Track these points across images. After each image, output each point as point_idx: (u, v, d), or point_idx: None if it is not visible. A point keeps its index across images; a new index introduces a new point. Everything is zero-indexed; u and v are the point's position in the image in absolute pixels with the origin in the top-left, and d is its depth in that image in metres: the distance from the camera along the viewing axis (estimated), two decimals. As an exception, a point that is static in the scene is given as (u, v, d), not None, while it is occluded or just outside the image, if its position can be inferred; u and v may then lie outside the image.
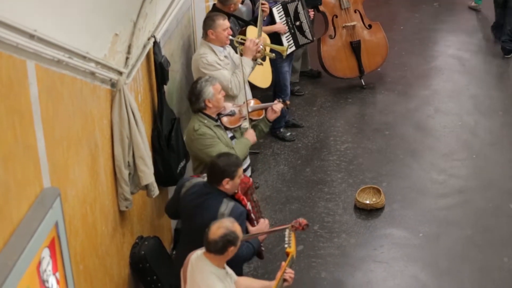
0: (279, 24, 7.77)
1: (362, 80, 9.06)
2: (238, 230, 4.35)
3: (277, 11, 7.80)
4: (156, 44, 5.58)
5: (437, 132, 8.19)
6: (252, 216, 5.14)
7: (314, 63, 9.29)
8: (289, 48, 7.71)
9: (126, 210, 5.14)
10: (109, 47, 4.71)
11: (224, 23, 6.32)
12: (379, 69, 9.22)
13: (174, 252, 5.90)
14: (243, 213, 4.90)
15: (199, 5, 7.48)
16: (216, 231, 4.29)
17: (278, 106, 6.06)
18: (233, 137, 5.88)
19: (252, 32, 7.12)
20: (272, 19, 7.78)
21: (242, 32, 7.12)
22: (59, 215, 3.74)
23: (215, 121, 5.72)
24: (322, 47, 8.82)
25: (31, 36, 3.46)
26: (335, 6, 8.79)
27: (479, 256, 6.40)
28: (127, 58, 5.05)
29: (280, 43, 7.72)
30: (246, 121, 5.97)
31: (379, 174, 7.49)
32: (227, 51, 6.46)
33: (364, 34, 8.95)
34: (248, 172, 6.21)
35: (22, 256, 3.26)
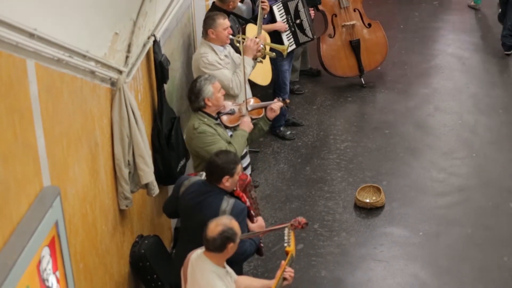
0: (279, 22, 7.77)
1: (362, 79, 9.06)
2: (236, 226, 4.35)
3: (277, 9, 7.80)
4: (156, 43, 5.58)
5: (437, 130, 8.19)
6: (252, 213, 5.14)
7: (314, 62, 9.28)
8: (289, 47, 7.72)
9: (126, 209, 5.14)
10: (109, 46, 4.71)
11: (224, 22, 6.32)
12: (379, 68, 9.22)
13: (174, 251, 5.90)
14: (244, 209, 4.91)
15: (199, 3, 7.48)
16: (214, 229, 4.29)
17: (277, 104, 6.05)
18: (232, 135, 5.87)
19: (252, 30, 7.12)
20: (272, 17, 7.78)
21: (242, 30, 7.12)
22: (59, 213, 3.74)
23: (215, 119, 5.71)
24: (321, 46, 8.81)
25: (31, 35, 3.46)
26: (334, 5, 8.78)
27: (479, 254, 6.40)
28: (127, 57, 5.04)
29: (280, 41, 7.72)
30: (245, 120, 5.98)
31: (379, 173, 7.49)
32: (227, 50, 6.46)
33: (364, 33, 8.95)
34: (248, 170, 6.22)
35: (22, 255, 3.26)
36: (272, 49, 6.99)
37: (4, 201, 3.26)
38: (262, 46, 6.57)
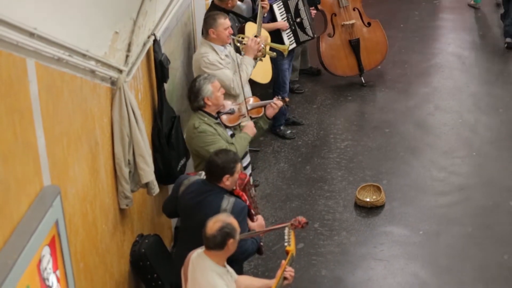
0: (281, 21, 7.77)
1: (362, 78, 9.06)
2: (235, 222, 4.36)
3: (277, 8, 7.80)
4: (156, 42, 5.58)
5: (437, 129, 8.19)
6: (252, 212, 5.14)
7: (314, 61, 9.28)
8: (290, 45, 7.71)
9: (126, 208, 5.14)
10: (109, 45, 4.71)
11: (225, 22, 6.31)
12: (379, 67, 9.21)
13: (174, 250, 5.90)
14: (245, 208, 4.91)
15: (199, 2, 7.48)
16: (213, 226, 4.30)
17: (277, 103, 6.05)
18: (233, 135, 5.87)
19: (251, 28, 7.11)
20: (272, 16, 7.78)
21: (241, 29, 7.11)
22: (59, 213, 3.74)
23: (215, 118, 5.71)
24: (321, 45, 8.81)
25: (31, 34, 3.46)
26: (334, 4, 8.77)
27: (479, 253, 6.40)
28: (127, 56, 5.04)
29: (281, 40, 7.72)
30: (245, 119, 5.97)
31: (379, 172, 7.48)
32: (227, 50, 6.45)
33: (363, 32, 8.94)
34: (249, 169, 6.21)
35: (23, 254, 3.26)
36: (272, 49, 6.99)
37: (4, 201, 3.25)
38: (262, 46, 6.56)
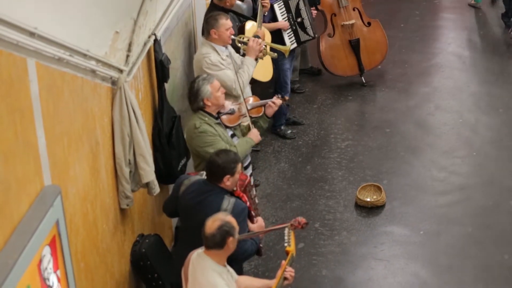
0: (282, 21, 7.77)
1: (362, 78, 9.06)
2: (233, 221, 4.36)
3: (278, 8, 7.80)
4: (156, 41, 5.58)
5: (437, 129, 8.19)
6: (252, 213, 5.14)
7: (314, 61, 9.28)
8: (291, 45, 7.71)
9: (127, 208, 5.14)
10: (110, 45, 4.71)
11: (227, 23, 6.30)
12: (379, 67, 9.21)
13: (174, 250, 5.90)
14: (245, 209, 4.90)
15: (200, 2, 7.47)
16: (212, 225, 4.30)
17: (276, 101, 6.05)
18: (233, 135, 5.86)
19: (251, 27, 7.10)
20: (273, 16, 7.78)
21: (241, 28, 7.10)
22: (60, 213, 3.74)
23: (216, 118, 5.71)
24: (321, 45, 8.81)
25: (31, 34, 3.46)
26: (334, 4, 8.77)
27: (479, 253, 6.40)
28: (127, 56, 5.04)
29: (281, 40, 7.72)
30: (246, 119, 5.97)
31: (380, 172, 7.49)
32: (228, 50, 6.44)
33: (363, 32, 8.94)
34: (249, 169, 6.21)
35: (23, 254, 3.26)
36: (273, 49, 6.98)
37: (4, 200, 3.25)
38: (264, 46, 6.56)
